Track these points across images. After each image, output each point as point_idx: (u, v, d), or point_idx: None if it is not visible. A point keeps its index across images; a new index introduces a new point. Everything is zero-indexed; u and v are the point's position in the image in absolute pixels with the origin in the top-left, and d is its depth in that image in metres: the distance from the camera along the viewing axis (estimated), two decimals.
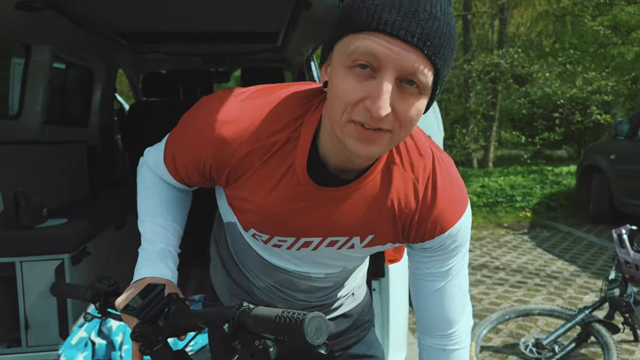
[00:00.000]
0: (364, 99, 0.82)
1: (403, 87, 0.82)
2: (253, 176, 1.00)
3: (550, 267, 5.15)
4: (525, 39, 14.21)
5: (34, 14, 2.57)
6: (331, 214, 1.02)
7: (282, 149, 0.98)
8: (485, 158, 11.74)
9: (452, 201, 1.03)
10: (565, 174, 8.96)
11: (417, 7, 0.80)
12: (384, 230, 1.05)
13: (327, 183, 0.99)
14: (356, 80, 0.82)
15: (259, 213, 1.04)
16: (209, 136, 0.99)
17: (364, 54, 0.80)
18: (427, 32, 0.80)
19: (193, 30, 3.63)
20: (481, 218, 7.40)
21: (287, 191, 1.00)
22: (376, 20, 0.79)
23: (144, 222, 1.13)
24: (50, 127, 3.36)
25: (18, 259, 2.29)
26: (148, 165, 1.18)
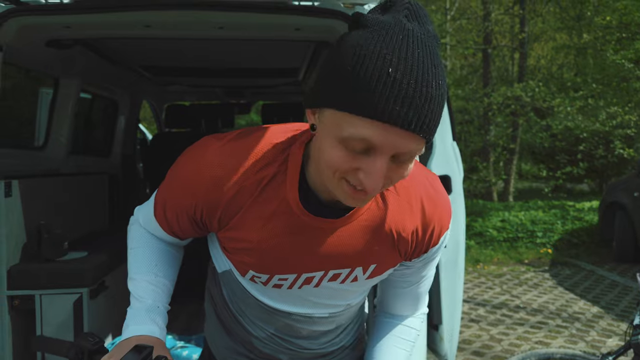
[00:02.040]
0: (356, 170, 0.83)
1: (395, 159, 0.83)
2: (246, 214, 1.00)
3: (572, 308, 5.03)
4: (546, 72, 14.18)
5: (63, 50, 2.65)
6: (331, 246, 1.02)
7: (271, 184, 0.98)
8: (505, 191, 11.63)
9: (442, 214, 1.06)
10: (587, 210, 8.82)
11: (414, 92, 0.78)
12: (386, 257, 1.06)
13: (323, 213, 0.99)
14: (347, 153, 0.82)
15: (257, 250, 1.03)
16: (197, 181, 1.00)
17: (358, 140, 0.80)
18: (423, 116, 0.79)
19: (216, 66, 3.70)
20: (501, 254, 7.29)
21: (283, 223, 1.00)
22: (372, 109, 0.77)
23: (133, 280, 1.12)
24: (74, 157, 3.43)
25: (38, 292, 2.31)
26: (139, 223, 1.18)
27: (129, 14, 2.08)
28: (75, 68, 3.11)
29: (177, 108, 4.78)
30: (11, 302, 2.28)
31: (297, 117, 4.75)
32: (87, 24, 2.19)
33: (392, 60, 0.78)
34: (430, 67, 0.79)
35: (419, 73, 0.78)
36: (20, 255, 2.38)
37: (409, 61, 0.78)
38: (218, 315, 1.27)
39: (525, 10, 11.56)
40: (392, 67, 0.77)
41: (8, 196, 2.27)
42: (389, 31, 0.80)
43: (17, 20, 2.03)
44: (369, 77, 0.78)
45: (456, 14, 12.88)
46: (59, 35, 2.40)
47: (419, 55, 0.79)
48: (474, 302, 5.20)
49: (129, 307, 1.09)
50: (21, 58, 2.62)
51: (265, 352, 1.22)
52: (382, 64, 0.78)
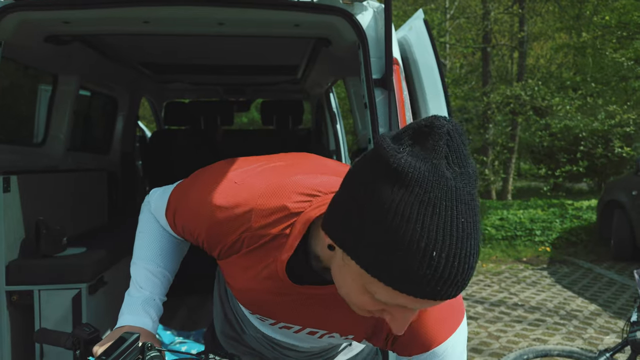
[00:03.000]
0: (383, 309, 0.80)
1: None
2: (238, 260, 1.01)
3: (570, 305, 5.04)
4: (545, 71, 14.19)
5: (62, 47, 2.65)
6: (312, 312, 1.01)
7: (269, 243, 0.96)
8: (504, 190, 11.64)
9: (438, 315, 0.93)
10: (585, 209, 8.83)
11: (456, 272, 0.71)
12: (364, 333, 1.02)
13: (309, 278, 0.97)
14: (374, 300, 0.78)
15: (241, 293, 1.06)
16: (204, 216, 1.01)
17: (395, 304, 0.77)
18: (458, 290, 0.74)
19: (215, 63, 3.70)
20: (500, 252, 7.30)
21: (268, 284, 0.99)
22: (412, 289, 0.72)
23: (136, 265, 1.15)
24: (72, 154, 3.43)
25: (36, 287, 2.32)
26: (150, 207, 1.20)
27: (128, 9, 2.08)
28: (74, 65, 3.11)
29: (176, 105, 4.79)
30: (10, 297, 2.29)
31: (295, 115, 4.76)
32: (86, 20, 2.19)
33: (437, 239, 0.70)
34: (473, 235, 0.72)
35: (462, 250, 0.71)
36: (19, 250, 2.38)
37: (454, 238, 0.70)
38: (222, 302, 1.33)
39: (524, 9, 11.57)
40: (437, 249, 0.69)
41: (6, 191, 2.28)
42: (431, 196, 0.70)
43: (17, 16, 2.03)
44: (411, 255, 0.70)
45: (456, 13, 12.87)
46: (57, 31, 2.40)
47: (463, 227, 0.71)
48: (473, 300, 5.21)
49: (127, 291, 1.13)
50: (20, 54, 2.62)
51: (253, 347, 1.28)
52: (427, 244, 0.69)
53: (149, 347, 0.95)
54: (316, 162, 1.06)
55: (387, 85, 2.08)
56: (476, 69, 13.64)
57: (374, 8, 2.14)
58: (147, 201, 1.22)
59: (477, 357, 3.80)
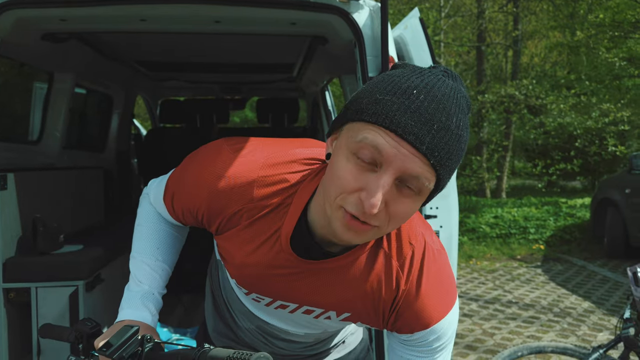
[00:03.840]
0: (359, 190, 0.81)
1: (401, 188, 0.81)
2: (239, 233, 1.00)
3: (564, 302, 5.08)
4: (539, 69, 14.25)
5: (58, 44, 2.65)
6: (309, 286, 1.00)
7: (271, 213, 0.97)
8: (498, 188, 11.69)
9: (437, 295, 0.97)
10: (579, 207, 8.89)
11: (432, 115, 0.78)
12: (361, 312, 1.02)
13: (311, 253, 0.97)
14: (357, 168, 0.81)
15: (239, 270, 1.04)
16: (204, 187, 1.00)
17: (370, 146, 0.79)
18: (436, 143, 0.78)
19: (211, 61, 3.71)
20: (494, 250, 7.34)
21: (268, 256, 0.99)
22: (389, 118, 0.78)
23: (135, 260, 1.15)
24: (68, 152, 3.42)
25: (33, 284, 2.32)
26: (149, 198, 1.20)
27: (125, 7, 2.08)
28: (70, 62, 3.11)
29: (171, 103, 4.78)
30: (7, 294, 2.29)
31: (291, 113, 4.76)
32: (82, 17, 2.19)
33: (419, 86, 0.80)
34: (454, 108, 0.80)
35: (441, 103, 0.79)
36: (16, 248, 2.38)
37: (435, 93, 0.79)
38: (214, 297, 1.31)
39: (518, 8, 11.61)
40: (417, 89, 0.79)
41: (3, 189, 2.28)
42: (424, 72, 0.83)
43: (13, 13, 2.03)
44: (394, 90, 0.80)
45: (450, 12, 12.90)
46: (54, 29, 2.40)
47: (446, 94, 0.80)
48: (467, 297, 5.24)
49: (126, 285, 1.13)
50: (17, 52, 2.61)
51: (246, 342, 1.26)
52: (409, 85, 0.80)
53: (148, 339, 0.97)
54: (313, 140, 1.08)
55: None
56: (471, 68, 13.68)
57: (370, 6, 2.15)
58: (146, 192, 1.22)
59: (471, 354, 3.83)
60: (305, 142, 1.05)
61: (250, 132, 5.82)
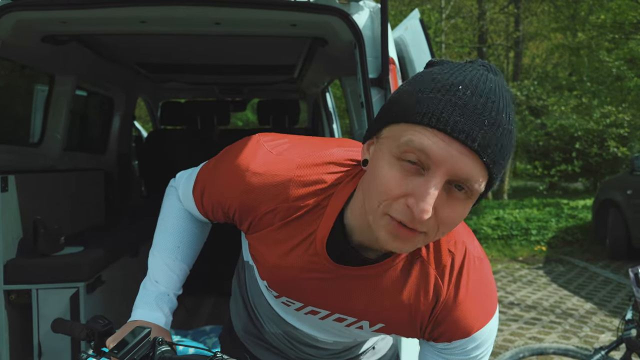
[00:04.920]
0: (406, 195, 0.75)
1: (451, 191, 0.75)
2: (271, 234, 0.96)
3: (566, 304, 5.07)
4: (541, 71, 14.24)
5: (59, 47, 2.65)
6: (342, 293, 0.96)
7: (306, 215, 0.93)
8: (500, 189, 11.67)
9: (477, 304, 0.93)
10: (581, 208, 8.87)
11: (483, 109, 0.73)
12: (397, 322, 0.98)
13: (346, 258, 0.93)
14: (401, 174, 0.75)
15: (271, 272, 1.01)
16: (238, 183, 0.97)
17: (416, 150, 0.73)
18: (489, 138, 0.72)
19: (212, 63, 3.71)
20: (496, 251, 7.33)
21: (302, 259, 0.95)
22: (436, 116, 0.72)
23: (154, 257, 1.12)
24: (69, 154, 3.43)
25: (34, 286, 2.32)
26: (177, 191, 1.17)
27: (125, 9, 2.08)
28: (70, 65, 3.12)
29: (172, 105, 4.79)
30: (8, 296, 2.29)
31: (292, 114, 4.77)
32: (82, 20, 2.19)
33: (464, 82, 0.75)
34: (502, 102, 0.75)
35: (489, 98, 0.74)
36: (17, 250, 2.38)
37: (481, 87, 0.75)
38: (242, 297, 1.28)
39: (520, 9, 11.61)
40: (463, 85, 0.74)
41: (4, 191, 2.28)
42: (467, 68, 0.78)
43: (14, 15, 2.04)
44: (438, 87, 0.74)
45: (451, 13, 12.91)
46: (54, 31, 2.41)
47: (492, 88, 0.75)
48: None
49: (143, 281, 1.11)
50: (17, 54, 2.62)
51: (274, 345, 1.23)
52: (453, 81, 0.75)
53: (160, 341, 0.95)
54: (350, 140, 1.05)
55: (383, 85, 2.09)
56: None
57: (370, 8, 2.15)
58: (173, 185, 1.18)
59: None
60: (342, 142, 1.01)
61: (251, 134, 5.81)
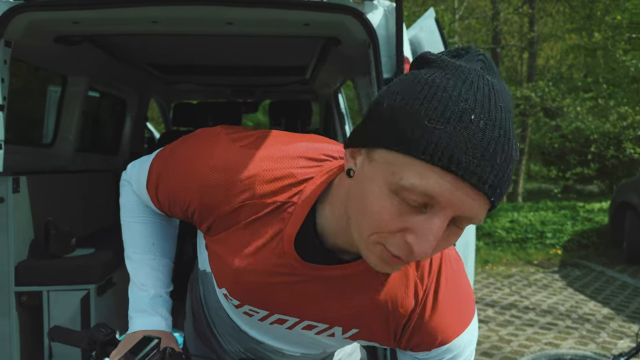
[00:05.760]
0: (404, 230, 0.68)
1: (449, 225, 0.69)
2: (235, 234, 0.87)
3: (582, 309, 4.98)
4: (556, 72, 14.09)
5: (71, 47, 2.65)
6: (313, 298, 0.88)
7: (274, 213, 0.85)
8: (514, 192, 11.56)
9: (456, 309, 0.88)
10: (597, 211, 8.74)
11: (495, 147, 0.64)
12: (372, 327, 0.90)
13: (317, 258, 0.85)
14: (399, 208, 0.67)
15: (233, 277, 0.90)
16: (196, 179, 0.87)
17: (420, 194, 0.65)
18: (500, 178, 0.65)
19: (224, 64, 3.70)
20: (510, 255, 7.24)
21: (269, 261, 0.86)
22: (447, 156, 0.63)
23: (132, 261, 1.05)
24: (81, 155, 3.43)
25: (45, 288, 2.31)
26: (131, 185, 1.07)
27: (136, 9, 2.07)
28: (83, 65, 3.12)
29: (184, 106, 4.78)
30: (19, 298, 2.28)
31: (304, 115, 4.74)
32: (94, 20, 2.18)
33: (475, 108, 0.64)
34: (511, 127, 0.67)
35: (502, 128, 0.65)
36: (28, 251, 2.37)
37: (493, 113, 0.65)
38: (194, 315, 1.18)
39: (534, 9, 11.49)
40: (475, 114, 0.64)
41: (16, 192, 2.27)
42: (469, 76, 0.67)
43: (26, 16, 2.03)
44: (447, 116, 0.64)
45: (465, 14, 12.82)
46: (67, 32, 2.40)
47: (502, 110, 0.66)
48: (483, 303, 5.16)
49: (129, 288, 1.04)
50: (30, 55, 2.62)
51: None
52: (464, 107, 0.64)
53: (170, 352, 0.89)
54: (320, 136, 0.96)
55: None
56: None
57: (384, 7, 2.11)
58: (127, 179, 1.08)
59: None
60: (312, 137, 0.92)
61: None
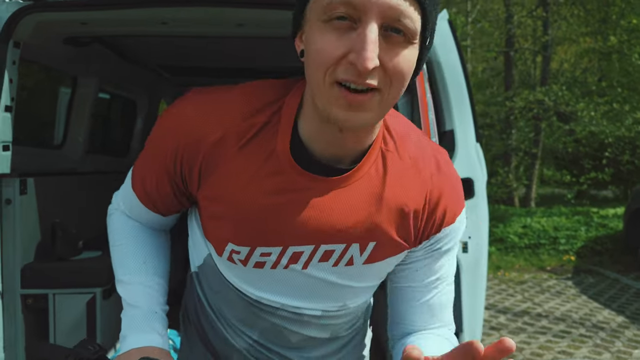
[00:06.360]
0: (346, 54, 0.73)
1: (389, 36, 0.73)
2: (228, 166, 0.87)
3: (597, 317, 4.88)
4: (570, 75, 13.94)
5: (81, 49, 2.63)
6: (323, 212, 0.88)
7: (260, 134, 0.87)
8: (527, 196, 11.42)
9: (456, 189, 0.94)
10: (611, 217, 8.61)
11: None
12: (387, 234, 0.91)
13: (316, 172, 0.87)
14: (336, 34, 0.73)
15: (237, 214, 0.89)
16: (174, 126, 0.89)
17: (340, 3, 0.71)
18: None
19: (234, 66, 3.67)
20: (523, 260, 7.15)
21: (269, 182, 0.87)
22: None
23: (123, 283, 1.00)
24: (91, 157, 3.42)
25: (51, 291, 2.29)
26: (118, 209, 1.07)
27: (145, 10, 2.04)
28: (93, 67, 3.10)
29: None
30: (25, 300, 2.26)
31: None
32: (103, 21, 2.16)
33: None
34: None
35: None
36: (35, 253, 2.36)
37: None
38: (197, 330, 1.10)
39: (548, 13, 11.37)
40: None
41: (23, 194, 2.25)
42: None
43: (35, 17, 2.01)
44: None
45: (477, 17, 12.72)
46: (76, 32, 2.38)
47: None
48: (495, 310, 5.08)
49: (122, 313, 0.99)
50: (40, 56, 2.61)
51: None
52: None
53: None
54: None
55: (410, 89, 2.01)
56: (499, 73, 13.47)
57: None
58: (114, 206, 1.09)
59: None
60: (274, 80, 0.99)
61: None
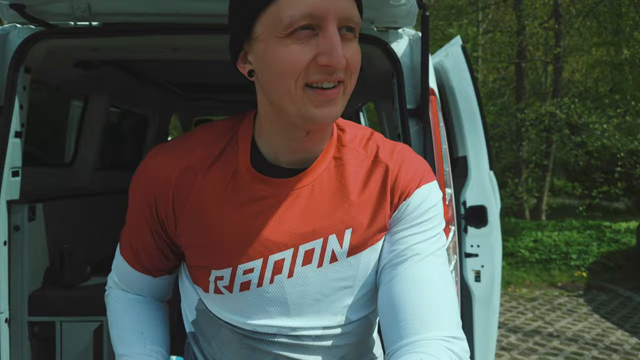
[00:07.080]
0: (315, 58, 0.79)
1: (343, 35, 0.81)
2: (197, 193, 0.93)
3: (610, 337, 4.80)
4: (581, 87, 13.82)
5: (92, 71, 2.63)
6: (294, 213, 0.92)
7: (221, 157, 0.94)
8: (537, 209, 11.32)
9: (414, 161, 0.98)
10: (624, 231, 8.51)
11: None
12: (359, 216, 0.94)
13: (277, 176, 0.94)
14: (299, 44, 0.79)
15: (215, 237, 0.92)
16: (143, 179, 0.96)
17: (301, 19, 0.77)
18: None
19: (245, 83, 3.66)
20: (534, 276, 7.06)
21: (237, 198, 0.92)
22: None
23: (124, 357, 1.00)
24: (102, 174, 3.41)
25: (58, 318, 2.27)
26: (113, 286, 1.10)
27: (157, 37, 2.02)
28: (104, 86, 3.10)
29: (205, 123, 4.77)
30: (31, 328, 2.24)
31: None
32: (114, 47, 2.15)
33: None
34: None
35: None
36: (42, 280, 2.34)
37: None
38: None
39: (560, 24, 11.30)
40: None
41: (32, 220, 2.24)
42: None
43: (46, 43, 2.00)
44: None
45: (489, 27, 12.67)
46: (87, 57, 2.37)
47: None
48: (506, 328, 5.01)
49: None
50: (51, 77, 2.60)
51: None
52: None
53: None
54: None
55: (422, 117, 1.98)
56: (509, 84, 13.38)
57: (409, 35, 2.04)
58: (108, 286, 1.12)
59: None
60: None
61: None
